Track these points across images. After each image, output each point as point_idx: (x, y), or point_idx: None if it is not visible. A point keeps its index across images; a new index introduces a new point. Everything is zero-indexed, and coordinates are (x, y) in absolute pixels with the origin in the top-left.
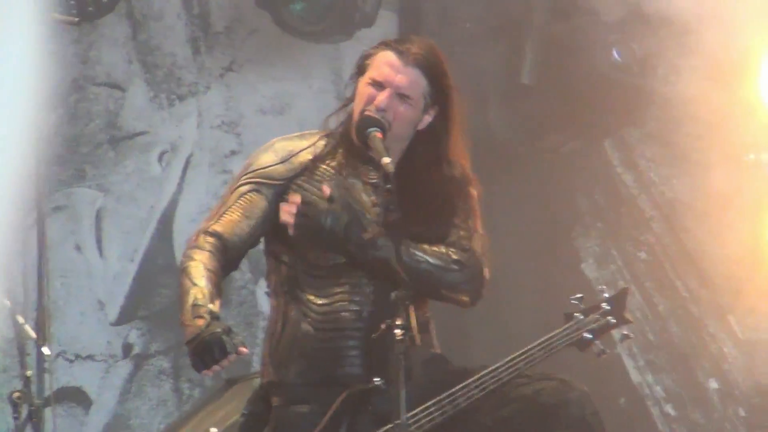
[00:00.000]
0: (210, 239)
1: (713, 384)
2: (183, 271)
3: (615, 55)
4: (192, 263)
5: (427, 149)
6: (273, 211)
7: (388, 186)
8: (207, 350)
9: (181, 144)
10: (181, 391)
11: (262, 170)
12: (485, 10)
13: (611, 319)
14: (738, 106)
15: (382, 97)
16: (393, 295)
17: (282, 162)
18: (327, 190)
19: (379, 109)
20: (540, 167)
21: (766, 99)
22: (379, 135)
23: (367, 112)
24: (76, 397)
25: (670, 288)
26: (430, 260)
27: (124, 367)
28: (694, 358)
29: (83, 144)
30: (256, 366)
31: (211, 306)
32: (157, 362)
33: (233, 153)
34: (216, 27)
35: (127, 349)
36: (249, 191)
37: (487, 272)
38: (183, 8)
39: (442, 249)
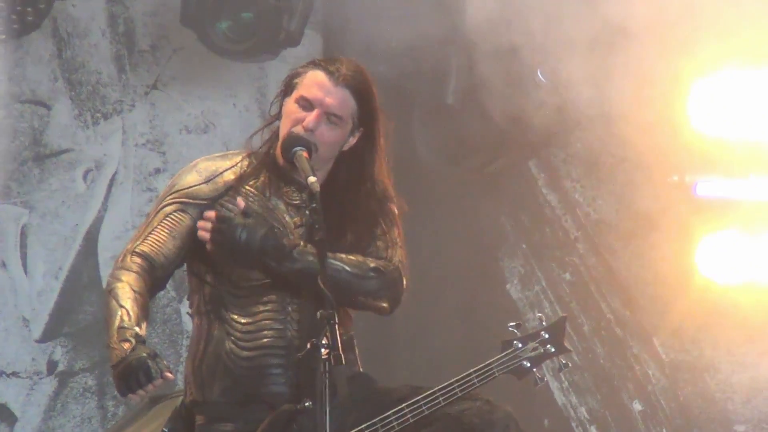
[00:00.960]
0: (137, 260)
1: (637, 405)
2: (109, 293)
3: (539, 76)
4: (119, 284)
5: (351, 169)
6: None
7: (314, 205)
8: (132, 375)
9: (105, 162)
10: (106, 409)
11: (186, 190)
12: (410, 30)
13: (550, 348)
14: (664, 127)
15: (312, 117)
16: (318, 314)
17: (206, 182)
18: (242, 203)
19: (307, 129)
20: (464, 188)
21: (693, 121)
22: (305, 154)
23: (294, 131)
24: (0, 414)
25: (594, 309)
26: (348, 268)
27: (49, 384)
28: (619, 380)
29: (8, 161)
30: (181, 385)
31: (137, 329)
32: (82, 379)
33: (158, 171)
34: (141, 45)
35: (51, 366)
36: (174, 211)
37: (405, 280)
38: (108, 26)
39: (360, 258)
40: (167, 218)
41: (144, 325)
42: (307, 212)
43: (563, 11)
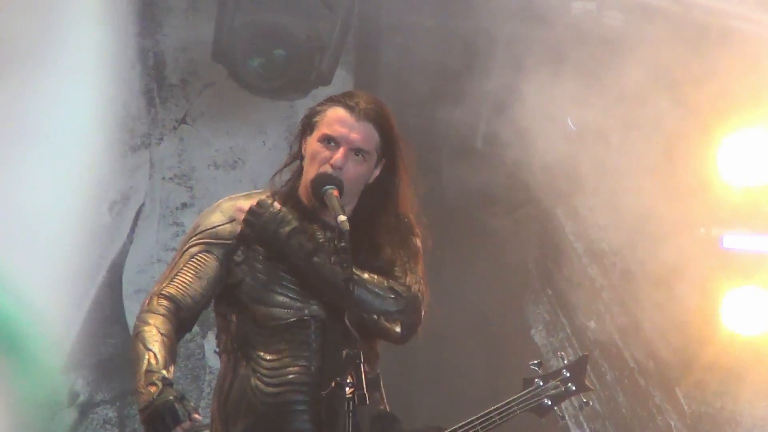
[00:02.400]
0: (163, 302)
1: None
2: (137, 336)
3: (569, 124)
4: (146, 327)
5: (375, 201)
6: (224, 271)
7: (343, 244)
8: (159, 418)
9: (132, 194)
10: None
11: (211, 230)
12: (440, 73)
13: (571, 386)
14: (692, 179)
15: (339, 155)
16: (344, 353)
17: (230, 221)
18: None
19: (335, 167)
20: (492, 232)
21: (722, 174)
22: (335, 193)
23: (322, 170)
24: None
25: (618, 358)
26: (369, 285)
27: (69, 415)
28: (640, 429)
29: None
30: (202, 419)
31: (164, 372)
32: (102, 411)
33: (184, 205)
34: (171, 79)
35: (72, 397)
36: (199, 252)
37: (423, 311)
38: (138, 59)
39: (381, 278)
40: (193, 259)
41: (172, 368)
42: (339, 251)
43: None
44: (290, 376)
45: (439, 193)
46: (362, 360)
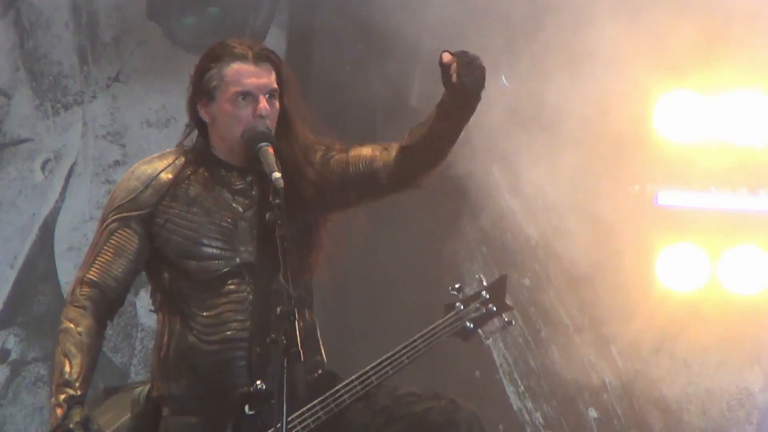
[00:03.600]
0: (86, 290)
1: (593, 413)
2: (59, 334)
3: (503, 81)
4: (66, 326)
5: (281, 132)
6: (145, 241)
7: (277, 201)
8: None
9: (64, 153)
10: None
11: (127, 203)
12: (375, 32)
13: (492, 307)
14: (627, 137)
15: (263, 104)
16: (278, 309)
17: (145, 187)
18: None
19: (264, 116)
20: (426, 190)
21: (657, 132)
22: (270, 150)
23: (251, 131)
24: None
25: (553, 315)
26: None
27: (1, 373)
28: (575, 387)
29: None
30: (133, 376)
31: (71, 391)
32: (35, 369)
33: (117, 163)
34: (104, 37)
35: (4, 354)
36: (118, 228)
37: None
38: (71, 18)
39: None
40: (112, 237)
41: (83, 376)
42: (271, 207)
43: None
44: (228, 333)
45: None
46: (296, 317)
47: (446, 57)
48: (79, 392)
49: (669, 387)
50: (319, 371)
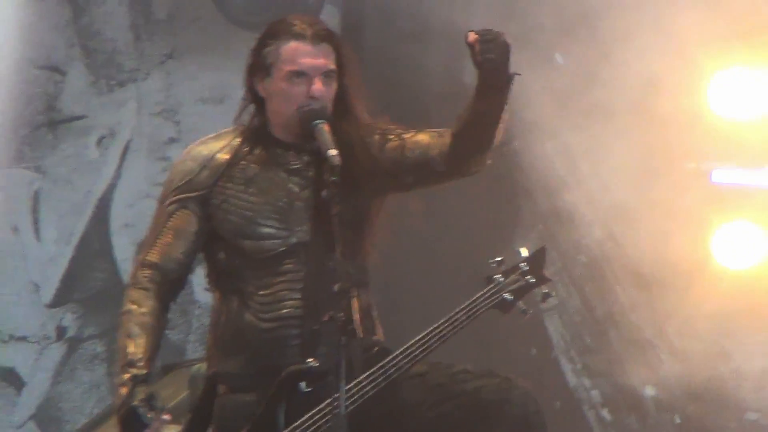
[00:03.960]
0: (147, 272)
1: (649, 390)
2: (122, 316)
3: (558, 59)
4: (130, 307)
5: (339, 113)
6: (204, 222)
7: (334, 178)
8: (128, 424)
9: (119, 129)
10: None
11: (184, 184)
12: (428, 9)
13: (531, 279)
14: (682, 114)
15: (318, 85)
16: (336, 286)
17: (202, 168)
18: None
19: (317, 97)
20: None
21: (712, 109)
22: (326, 127)
23: (310, 107)
24: (8, 378)
25: (609, 293)
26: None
27: (58, 350)
28: (631, 364)
29: (21, 126)
30: (190, 354)
31: (135, 370)
32: (91, 346)
33: (172, 140)
34: (158, 14)
35: (61, 331)
36: (176, 210)
37: None
38: None
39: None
40: (171, 219)
41: (147, 356)
42: (327, 184)
43: None
44: (284, 311)
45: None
46: (352, 294)
47: (471, 36)
48: (143, 371)
49: (725, 365)
50: (376, 349)
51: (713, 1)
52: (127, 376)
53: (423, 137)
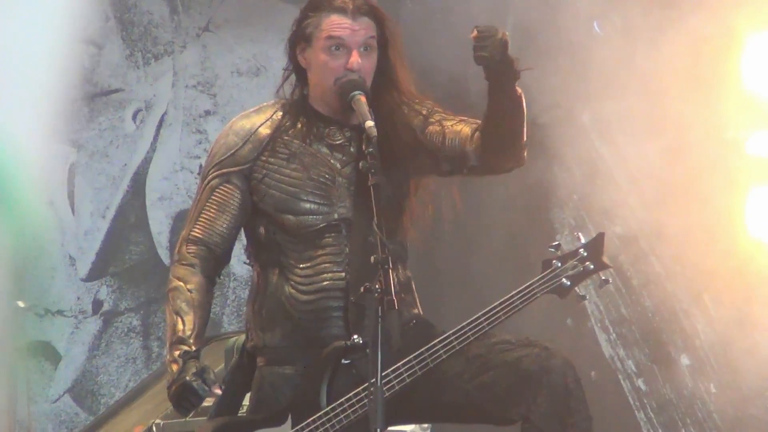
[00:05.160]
0: (192, 248)
1: (685, 360)
2: (168, 294)
3: (596, 28)
4: (176, 284)
5: (381, 86)
6: (247, 196)
7: (371, 150)
8: (182, 398)
9: (155, 102)
10: (151, 349)
11: (226, 159)
12: None
13: (589, 265)
14: (719, 83)
15: (354, 57)
16: (372, 258)
17: (244, 143)
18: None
19: (354, 69)
20: None
21: (748, 78)
22: (363, 98)
23: (345, 77)
24: (44, 352)
25: (644, 263)
26: None
27: (94, 324)
28: (667, 334)
29: (57, 99)
30: (226, 326)
31: (185, 347)
32: (127, 319)
33: (208, 113)
34: None
35: (97, 305)
36: (219, 185)
37: None
38: None
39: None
40: (214, 193)
41: (196, 332)
42: (365, 155)
43: None
44: (325, 283)
45: (467, 97)
46: (390, 265)
47: (473, 33)
48: (193, 348)
49: (761, 334)
50: (414, 322)
51: None
52: (177, 353)
53: (463, 128)
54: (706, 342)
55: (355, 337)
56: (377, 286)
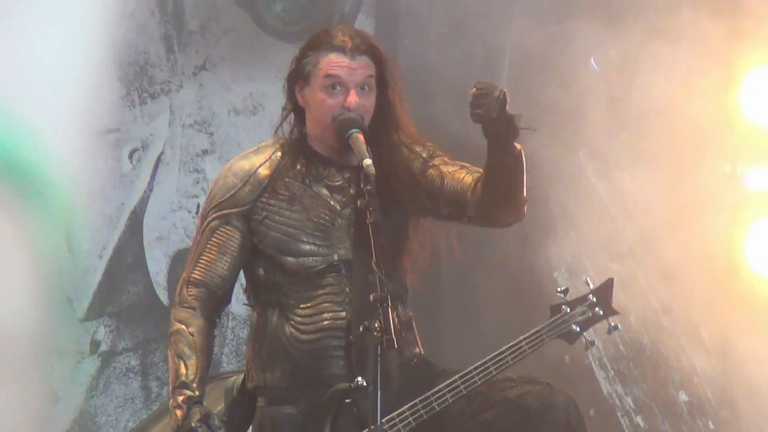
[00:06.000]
0: (193, 291)
1: (683, 396)
2: (170, 338)
3: (592, 64)
4: (178, 328)
5: (380, 127)
6: (247, 236)
7: (368, 188)
8: None
9: (152, 142)
10: (149, 389)
11: (226, 200)
12: (463, 15)
13: (598, 311)
14: (716, 117)
15: (352, 96)
16: (372, 297)
17: (244, 184)
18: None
19: (351, 109)
20: None
21: (747, 112)
22: (360, 137)
23: (342, 115)
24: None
25: (641, 299)
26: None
27: (92, 364)
28: (665, 370)
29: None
30: (225, 366)
31: (189, 392)
32: (125, 359)
33: (205, 152)
34: (190, 25)
35: (94, 345)
36: (219, 226)
37: None
38: (157, 6)
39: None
40: (214, 235)
41: (199, 376)
42: (364, 194)
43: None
44: (325, 323)
45: (464, 135)
46: (389, 304)
47: (473, 89)
48: (197, 392)
49: (759, 369)
50: (415, 361)
51: (745, 3)
52: (181, 398)
53: (465, 177)
54: (704, 378)
55: (359, 378)
56: (376, 325)
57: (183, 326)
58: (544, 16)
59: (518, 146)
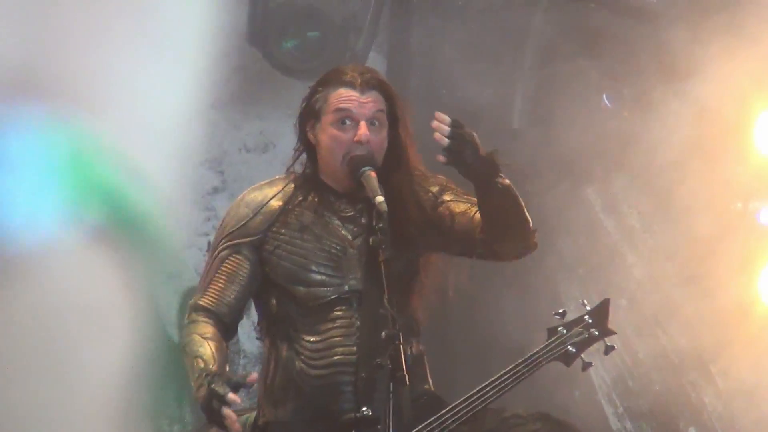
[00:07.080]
0: (201, 316)
1: None
2: (183, 349)
3: (605, 101)
4: (190, 338)
5: (391, 163)
6: (256, 267)
7: (380, 225)
8: (212, 411)
9: None
10: (161, 429)
11: (237, 230)
12: (474, 51)
13: (594, 332)
14: (727, 154)
15: (362, 130)
16: (383, 333)
17: (255, 214)
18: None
19: (363, 142)
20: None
21: (761, 149)
22: (373, 174)
23: (354, 152)
24: None
25: (650, 335)
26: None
27: None
28: (674, 407)
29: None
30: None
31: (210, 368)
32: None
33: (216, 190)
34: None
35: None
36: (229, 255)
37: None
38: None
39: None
40: (224, 264)
41: (216, 360)
42: (375, 231)
43: (628, 35)
44: (335, 357)
45: None
46: (401, 340)
47: (435, 134)
48: (214, 368)
49: None
50: (425, 398)
51: (760, 41)
52: (199, 380)
53: (474, 214)
54: (714, 414)
55: (364, 408)
56: (387, 362)
57: (197, 335)
58: (555, 52)
59: (505, 181)
